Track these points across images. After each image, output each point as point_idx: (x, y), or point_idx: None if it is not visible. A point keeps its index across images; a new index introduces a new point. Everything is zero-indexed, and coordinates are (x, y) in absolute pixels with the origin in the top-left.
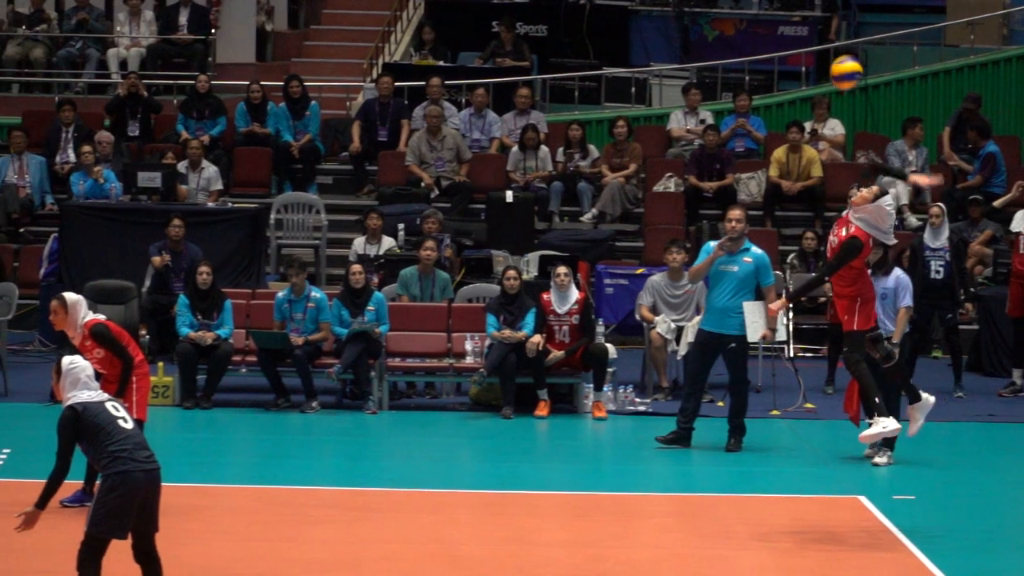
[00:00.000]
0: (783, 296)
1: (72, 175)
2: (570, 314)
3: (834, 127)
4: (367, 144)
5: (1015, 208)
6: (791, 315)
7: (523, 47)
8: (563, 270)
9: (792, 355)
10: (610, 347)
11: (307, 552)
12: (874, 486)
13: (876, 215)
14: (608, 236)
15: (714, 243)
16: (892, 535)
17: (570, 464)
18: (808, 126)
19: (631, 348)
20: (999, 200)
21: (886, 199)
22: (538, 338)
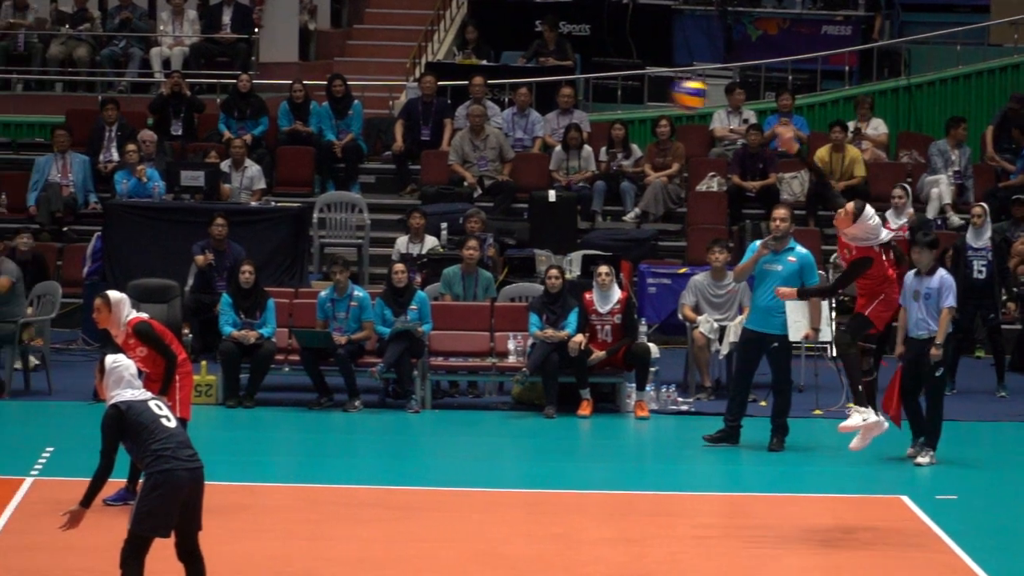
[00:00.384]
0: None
1: (116, 174)
2: (612, 313)
3: (877, 126)
4: (410, 143)
5: None
6: (834, 315)
7: (566, 46)
8: (604, 269)
9: (835, 355)
10: (652, 346)
11: (349, 551)
12: (916, 486)
13: (863, 231)
14: (651, 235)
15: (760, 242)
16: (934, 535)
17: (612, 463)
18: (851, 125)
19: (674, 347)
20: None
21: (866, 213)
22: (580, 337)
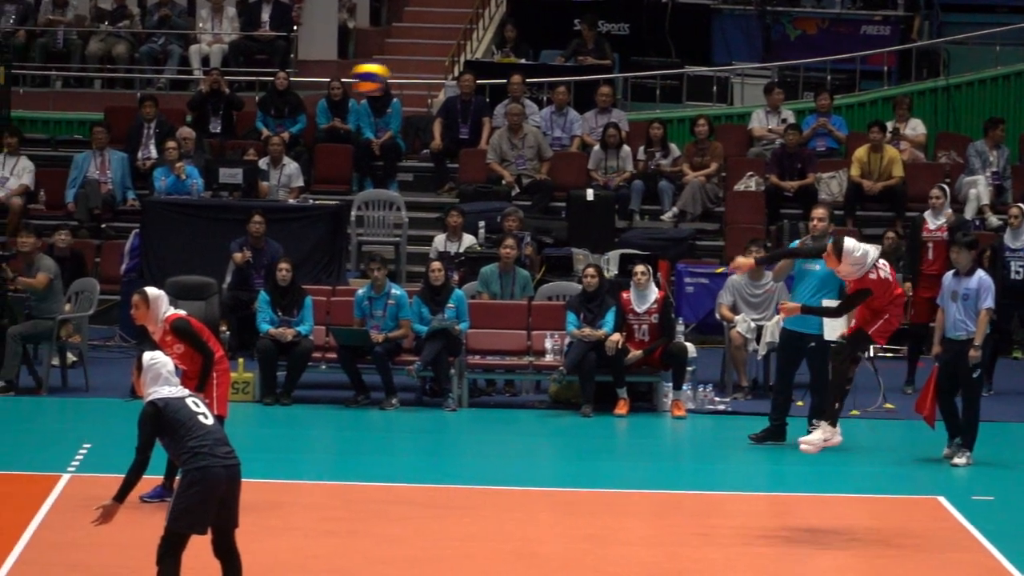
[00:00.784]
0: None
1: (154, 171)
2: (649, 313)
3: (915, 127)
4: (448, 142)
5: None
6: None
7: (605, 45)
8: (641, 269)
9: (872, 355)
10: (690, 346)
11: (386, 549)
12: (953, 487)
13: (851, 265)
14: (688, 235)
15: (798, 242)
16: (971, 536)
17: (649, 463)
18: (890, 126)
19: (711, 347)
20: None
21: (847, 247)
22: (618, 336)
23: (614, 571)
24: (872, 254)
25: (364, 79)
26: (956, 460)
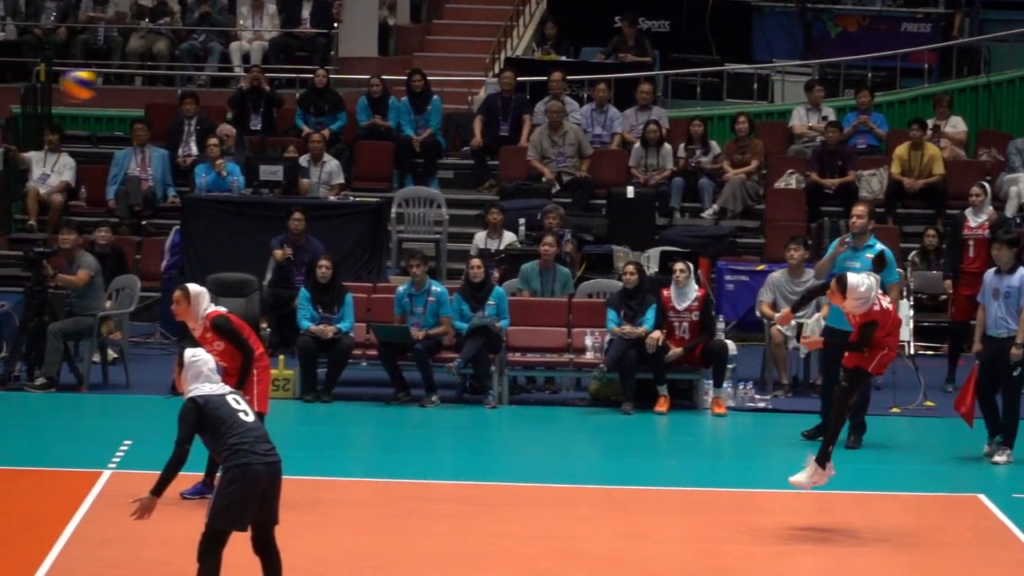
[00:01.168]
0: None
1: (195, 168)
2: (690, 310)
3: (956, 124)
4: (488, 139)
5: None
6: (912, 312)
7: (645, 42)
8: (680, 266)
9: (912, 353)
10: (730, 343)
11: (426, 546)
12: (994, 484)
13: (857, 300)
14: (729, 232)
15: (839, 240)
16: (1011, 534)
17: (689, 460)
18: (930, 123)
19: (751, 345)
20: None
21: (851, 283)
22: (658, 334)
23: (657, 568)
24: (875, 287)
25: (81, 84)
26: (997, 458)
